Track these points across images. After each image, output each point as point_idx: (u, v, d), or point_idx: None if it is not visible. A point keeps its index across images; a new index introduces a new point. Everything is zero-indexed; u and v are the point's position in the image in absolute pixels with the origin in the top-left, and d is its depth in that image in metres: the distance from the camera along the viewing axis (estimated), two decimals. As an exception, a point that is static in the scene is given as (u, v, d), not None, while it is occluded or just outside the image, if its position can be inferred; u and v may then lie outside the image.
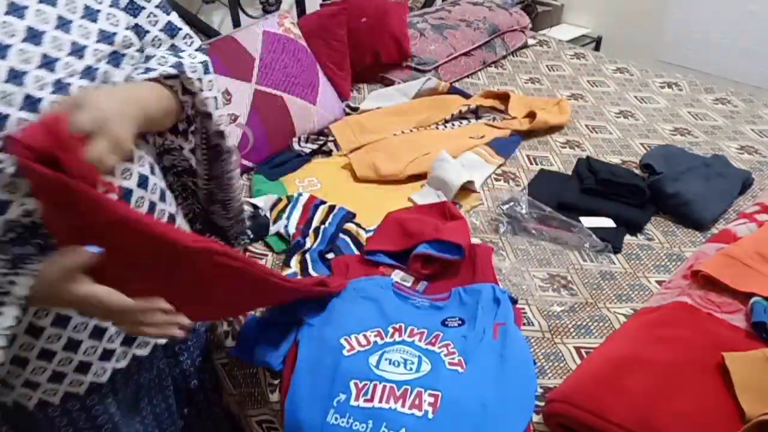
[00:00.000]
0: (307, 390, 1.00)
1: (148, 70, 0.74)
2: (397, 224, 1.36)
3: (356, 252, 1.35)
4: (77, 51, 0.68)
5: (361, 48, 2.16)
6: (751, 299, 1.12)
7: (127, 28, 0.76)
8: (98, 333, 0.83)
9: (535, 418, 0.98)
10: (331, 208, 1.48)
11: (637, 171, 1.66)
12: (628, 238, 1.43)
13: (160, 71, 0.73)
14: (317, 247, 1.35)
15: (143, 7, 0.79)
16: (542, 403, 0.99)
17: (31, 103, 0.64)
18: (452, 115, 1.96)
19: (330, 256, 1.34)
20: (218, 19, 2.06)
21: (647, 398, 0.94)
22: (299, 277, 1.28)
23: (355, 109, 2.03)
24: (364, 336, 1.07)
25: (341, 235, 1.40)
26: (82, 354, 0.83)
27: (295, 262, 1.32)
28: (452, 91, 2.15)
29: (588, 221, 1.44)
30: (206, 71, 0.82)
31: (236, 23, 2.03)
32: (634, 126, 1.97)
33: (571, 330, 1.17)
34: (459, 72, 2.32)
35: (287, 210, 1.47)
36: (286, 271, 1.29)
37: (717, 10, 2.81)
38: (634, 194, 1.51)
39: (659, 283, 1.29)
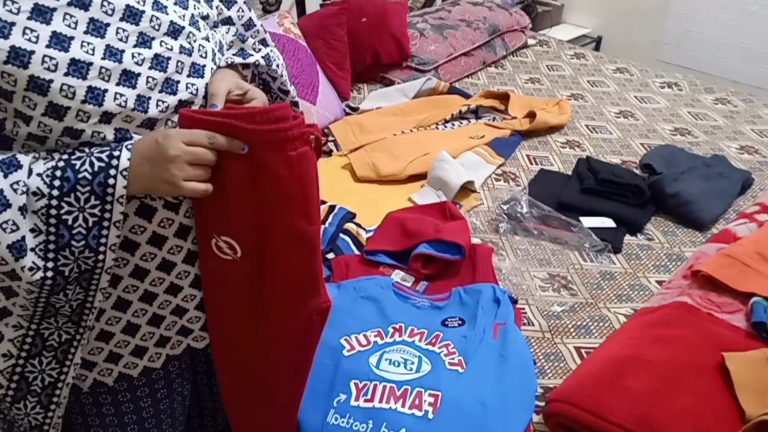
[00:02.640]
0: (308, 390, 0.99)
1: (242, 52, 0.87)
2: (397, 224, 1.36)
3: (356, 252, 1.35)
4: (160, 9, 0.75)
5: (361, 48, 2.16)
6: (751, 299, 1.12)
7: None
8: (156, 320, 0.86)
9: (535, 418, 0.98)
10: (331, 208, 1.48)
11: (637, 171, 1.66)
12: (628, 238, 1.43)
13: (255, 58, 0.87)
14: (317, 247, 1.35)
15: (235, 2, 0.91)
16: (542, 403, 0.99)
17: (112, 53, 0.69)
18: (452, 115, 1.96)
19: (330, 256, 1.34)
20: (218, 19, 2.06)
21: (647, 398, 0.94)
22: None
23: (355, 109, 2.03)
24: (364, 336, 1.07)
25: (341, 235, 1.40)
26: (140, 339, 0.86)
27: (295, 262, 1.32)
28: (452, 91, 2.15)
29: (588, 221, 1.44)
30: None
31: (236, 23, 2.03)
32: (634, 126, 1.97)
33: (571, 330, 1.17)
34: (459, 72, 2.32)
35: (287, 210, 1.47)
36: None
37: (717, 10, 2.81)
38: (634, 194, 1.51)
39: (659, 283, 1.29)
